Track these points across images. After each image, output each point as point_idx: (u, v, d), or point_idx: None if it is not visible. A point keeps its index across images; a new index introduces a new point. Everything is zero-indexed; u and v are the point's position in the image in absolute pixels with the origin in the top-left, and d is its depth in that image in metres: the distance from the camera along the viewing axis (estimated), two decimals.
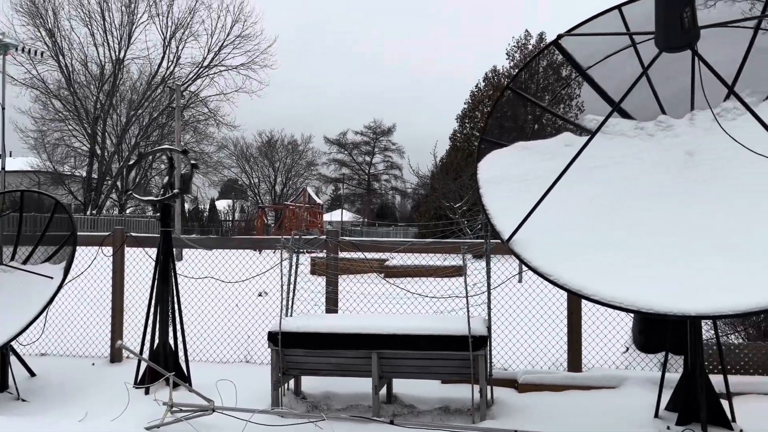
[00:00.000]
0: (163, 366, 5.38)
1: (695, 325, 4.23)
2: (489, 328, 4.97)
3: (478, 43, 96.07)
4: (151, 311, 5.73)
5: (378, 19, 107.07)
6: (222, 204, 64.89)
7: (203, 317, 7.50)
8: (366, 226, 56.55)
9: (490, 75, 40.22)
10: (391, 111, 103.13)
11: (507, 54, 41.37)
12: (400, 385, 5.37)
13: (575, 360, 5.79)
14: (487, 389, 4.88)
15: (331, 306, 6.27)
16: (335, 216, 61.08)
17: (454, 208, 25.90)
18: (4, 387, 5.61)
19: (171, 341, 5.76)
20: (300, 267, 5.84)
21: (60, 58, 38.59)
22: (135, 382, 5.53)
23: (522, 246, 4.25)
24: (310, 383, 5.44)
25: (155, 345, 5.68)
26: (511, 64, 39.90)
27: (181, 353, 5.76)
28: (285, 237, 5.59)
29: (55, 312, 7.31)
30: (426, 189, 42.23)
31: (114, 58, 39.95)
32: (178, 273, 5.90)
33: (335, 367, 4.99)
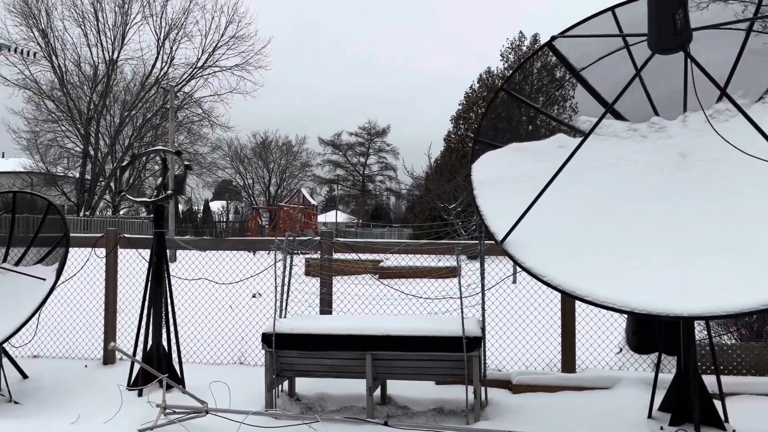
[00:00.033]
0: (157, 368, 5.36)
1: (688, 326, 4.25)
2: (483, 329, 4.97)
3: (472, 45, 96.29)
4: (145, 313, 5.71)
5: (372, 20, 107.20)
6: (216, 205, 64.73)
7: (197, 319, 7.47)
8: (360, 227, 56.54)
9: (484, 76, 40.32)
10: (386, 112, 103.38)
11: (501, 55, 41.47)
12: (394, 387, 5.37)
13: (569, 361, 5.80)
14: (482, 390, 4.88)
15: (325, 307, 6.26)
16: (330, 217, 61.01)
17: (448, 209, 25.93)
18: None
19: (164, 343, 5.74)
20: (294, 268, 5.83)
21: (53, 58, 38.46)
22: (128, 383, 5.50)
23: (516, 247, 4.26)
24: (304, 385, 5.43)
25: (149, 347, 5.66)
26: (506, 65, 40.01)
27: (175, 355, 5.74)
28: (279, 238, 5.58)
29: (48, 314, 7.27)
30: (420, 190, 42.24)
31: (107, 58, 39.83)
32: (171, 274, 5.89)
33: (329, 369, 4.99)
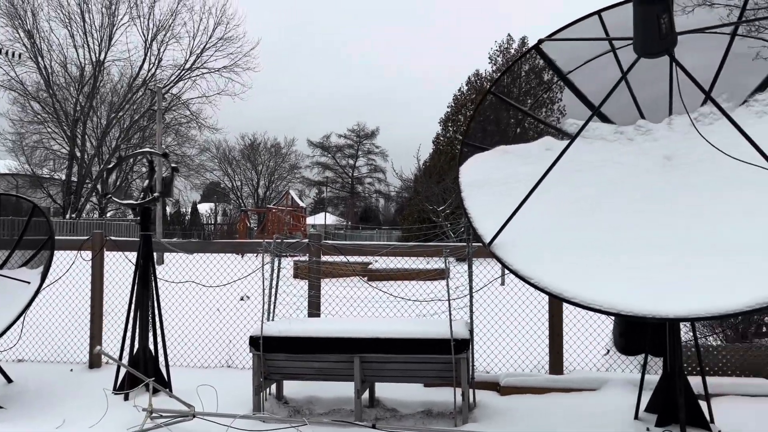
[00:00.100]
0: (143, 371, 5.33)
1: (674, 328, 4.28)
2: (471, 331, 4.98)
3: (462, 47, 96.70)
4: (131, 316, 5.67)
5: (362, 23, 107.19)
6: (204, 207, 64.41)
7: (184, 322, 7.43)
8: (350, 229, 56.48)
9: (473, 79, 40.47)
10: (375, 114, 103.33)
11: (490, 58, 41.69)
12: (382, 389, 5.36)
13: (557, 362, 5.82)
14: (470, 392, 4.89)
15: (314, 310, 6.25)
16: (319, 219, 60.89)
17: (437, 211, 25.97)
18: None
19: (151, 346, 5.70)
20: (283, 271, 5.82)
21: (39, 59, 38.11)
22: (114, 387, 5.46)
23: (503, 249, 4.27)
24: (292, 388, 5.41)
25: (135, 350, 5.62)
26: (494, 68, 40.19)
27: (162, 358, 5.70)
28: (267, 241, 5.56)
29: (33, 317, 7.19)
30: (409, 192, 42.30)
31: (94, 60, 39.52)
32: (158, 277, 5.85)
33: (317, 372, 4.97)
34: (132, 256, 5.98)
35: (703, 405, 4.35)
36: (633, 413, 4.63)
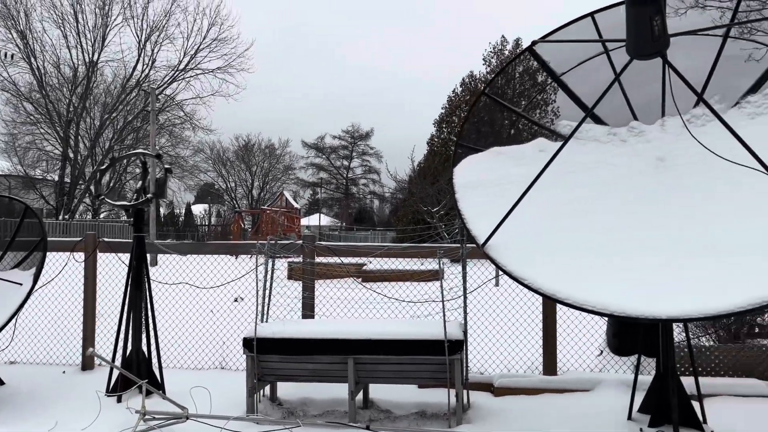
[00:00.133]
0: (136, 373, 5.31)
1: (666, 328, 4.29)
2: (465, 332, 4.98)
3: (456, 48, 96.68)
4: (124, 318, 5.65)
5: (356, 24, 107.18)
6: (198, 208, 64.28)
7: (178, 323, 7.40)
8: (344, 230, 56.45)
9: (467, 80, 40.51)
10: (369, 115, 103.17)
11: (484, 59, 41.70)
12: (376, 391, 5.36)
13: (550, 363, 5.83)
14: (464, 393, 4.89)
15: (308, 311, 6.24)
16: (313, 220, 60.83)
17: (431, 212, 25.98)
18: None
19: (144, 348, 5.68)
20: (277, 272, 5.81)
21: (32, 60, 37.95)
22: (107, 390, 5.44)
23: (497, 250, 4.27)
24: (286, 389, 5.40)
25: (128, 352, 5.60)
26: (488, 69, 40.23)
27: (155, 360, 5.68)
28: (260, 242, 5.55)
29: (25, 319, 7.17)
30: (404, 193, 42.27)
31: (87, 60, 39.40)
32: (152, 278, 5.83)
33: (311, 373, 4.96)
34: (125, 257, 5.96)
35: (696, 405, 4.36)
36: (626, 414, 4.64)
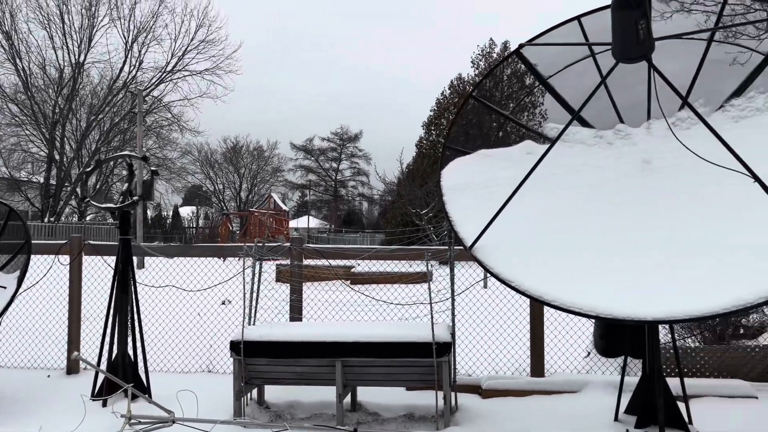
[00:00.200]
0: (122, 377, 5.26)
1: (652, 330, 4.32)
2: (453, 334, 4.99)
3: (445, 51, 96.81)
4: (110, 321, 5.60)
5: (348, 25, 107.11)
6: (186, 210, 63.88)
7: (164, 326, 7.35)
8: (333, 232, 56.37)
9: (455, 82, 40.64)
10: (358, 117, 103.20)
11: (472, 62, 41.85)
12: (364, 393, 5.35)
13: (538, 365, 5.85)
14: (451, 395, 4.89)
15: (295, 314, 6.22)
16: (302, 222, 60.72)
17: (420, 214, 26.01)
18: None
19: (130, 352, 5.64)
20: (264, 275, 5.78)
21: (17, 61, 37.51)
22: (92, 394, 5.39)
23: (485, 253, 4.28)
24: (274, 392, 5.38)
25: (114, 356, 5.55)
26: (476, 72, 40.37)
27: (141, 364, 5.64)
28: (248, 244, 5.53)
29: (9, 323, 7.08)
30: (393, 195, 42.31)
31: (73, 61, 39.00)
32: (138, 281, 5.78)
33: (299, 376, 4.94)
34: (111, 260, 5.91)
35: (682, 406, 4.39)
36: (613, 415, 4.66)
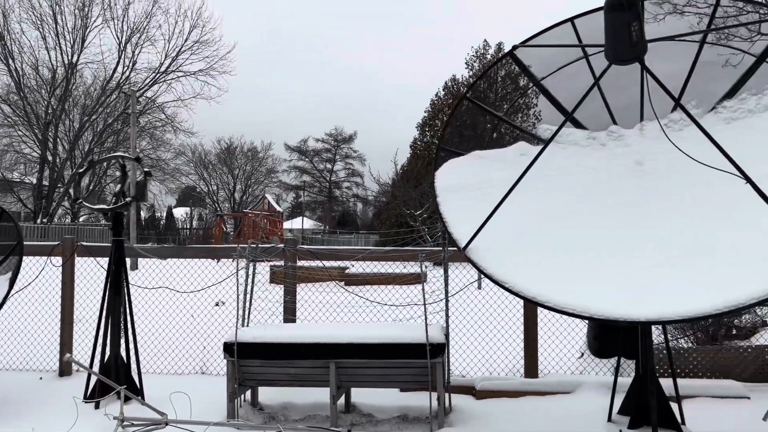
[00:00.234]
0: (115, 379, 5.24)
1: (645, 331, 4.33)
2: (447, 335, 4.99)
3: (441, 51, 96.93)
4: (102, 323, 5.57)
5: (341, 26, 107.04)
6: (179, 211, 63.67)
7: (158, 328, 7.33)
8: (327, 233, 56.32)
9: (449, 84, 40.69)
10: (352, 118, 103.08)
11: (466, 63, 41.95)
12: (358, 395, 5.34)
13: (532, 366, 5.86)
14: (445, 396, 4.89)
15: (289, 315, 6.21)
16: (296, 224, 60.62)
17: (414, 215, 26.02)
18: None
19: (123, 353, 5.61)
20: (258, 276, 5.77)
21: (9, 61, 37.34)
22: (85, 396, 5.36)
23: (478, 254, 4.28)
24: (267, 394, 5.37)
25: (106, 358, 5.52)
26: (470, 73, 40.45)
27: (134, 365, 5.61)
28: (241, 246, 5.51)
29: (1, 324, 7.04)
30: (387, 196, 42.31)
31: (66, 62, 38.85)
32: (132, 283, 5.76)
33: (292, 378, 4.93)
34: (104, 261, 5.88)
35: (675, 407, 4.41)
36: (606, 415, 4.67)
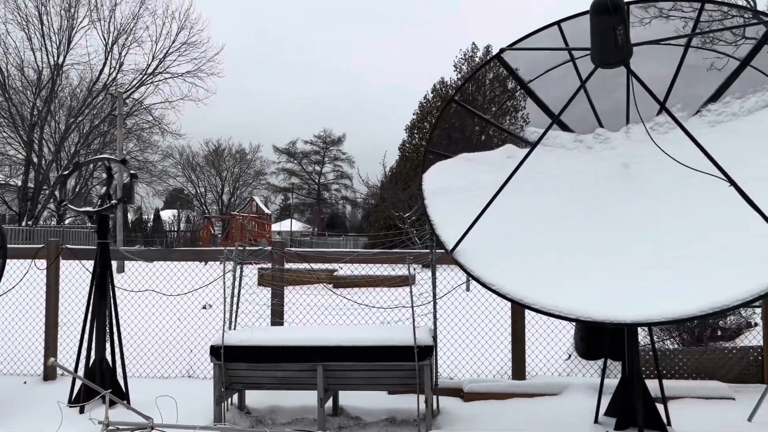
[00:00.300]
0: (100, 383, 5.19)
1: (631, 333, 4.36)
2: (435, 337, 4.99)
3: (428, 55, 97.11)
4: (87, 326, 5.51)
5: (329, 27, 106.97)
6: (167, 214, 63.30)
7: (143, 331, 7.27)
8: (316, 236, 56.22)
9: (438, 86, 40.78)
10: (340, 120, 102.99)
11: (455, 66, 42.06)
12: (346, 397, 5.33)
13: (519, 368, 5.87)
14: (433, 399, 4.89)
15: (277, 318, 6.18)
16: (284, 226, 60.47)
17: (403, 217, 26.03)
18: None
19: (109, 357, 5.56)
20: (246, 279, 5.74)
21: None
22: (69, 400, 5.31)
23: (466, 256, 4.29)
24: (255, 397, 5.34)
25: (91, 361, 5.47)
26: (459, 75, 40.57)
27: (119, 369, 5.56)
28: (228, 248, 5.48)
29: None
30: (376, 199, 42.33)
31: (52, 63, 38.50)
32: (117, 286, 5.71)
33: (280, 381, 4.91)
34: (89, 264, 5.83)
35: (661, 408, 4.43)
36: (593, 417, 4.69)
